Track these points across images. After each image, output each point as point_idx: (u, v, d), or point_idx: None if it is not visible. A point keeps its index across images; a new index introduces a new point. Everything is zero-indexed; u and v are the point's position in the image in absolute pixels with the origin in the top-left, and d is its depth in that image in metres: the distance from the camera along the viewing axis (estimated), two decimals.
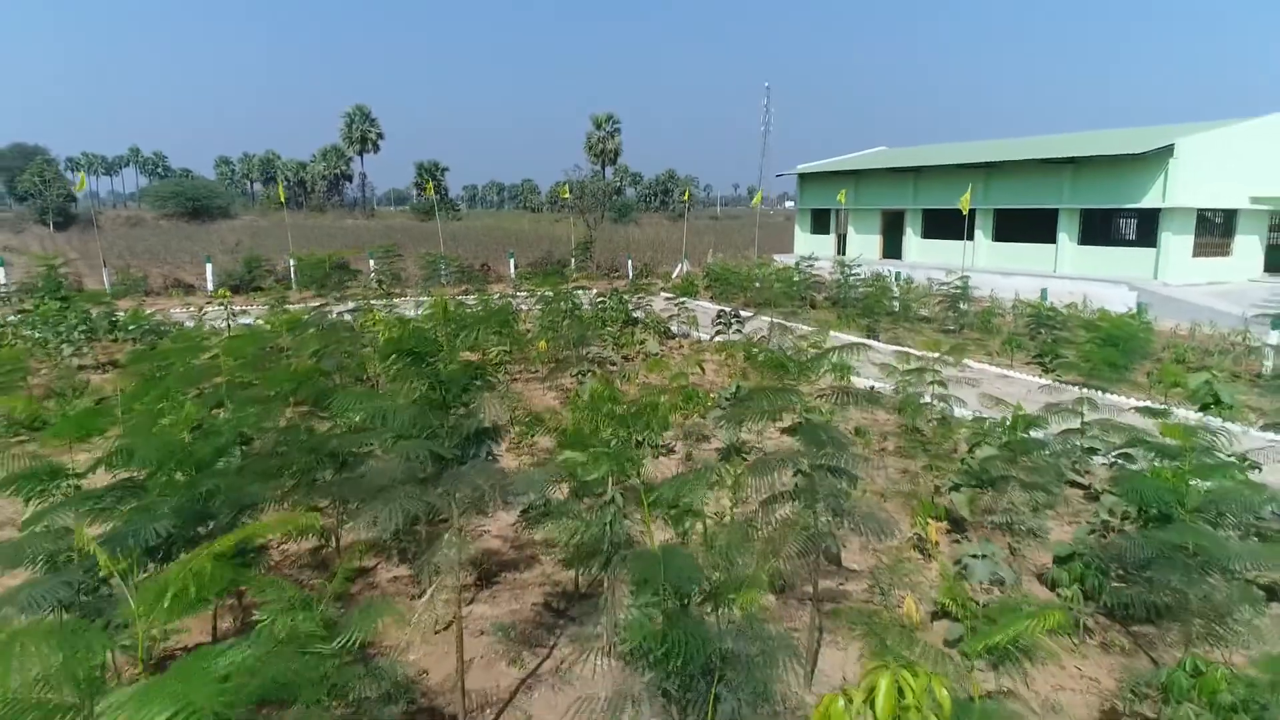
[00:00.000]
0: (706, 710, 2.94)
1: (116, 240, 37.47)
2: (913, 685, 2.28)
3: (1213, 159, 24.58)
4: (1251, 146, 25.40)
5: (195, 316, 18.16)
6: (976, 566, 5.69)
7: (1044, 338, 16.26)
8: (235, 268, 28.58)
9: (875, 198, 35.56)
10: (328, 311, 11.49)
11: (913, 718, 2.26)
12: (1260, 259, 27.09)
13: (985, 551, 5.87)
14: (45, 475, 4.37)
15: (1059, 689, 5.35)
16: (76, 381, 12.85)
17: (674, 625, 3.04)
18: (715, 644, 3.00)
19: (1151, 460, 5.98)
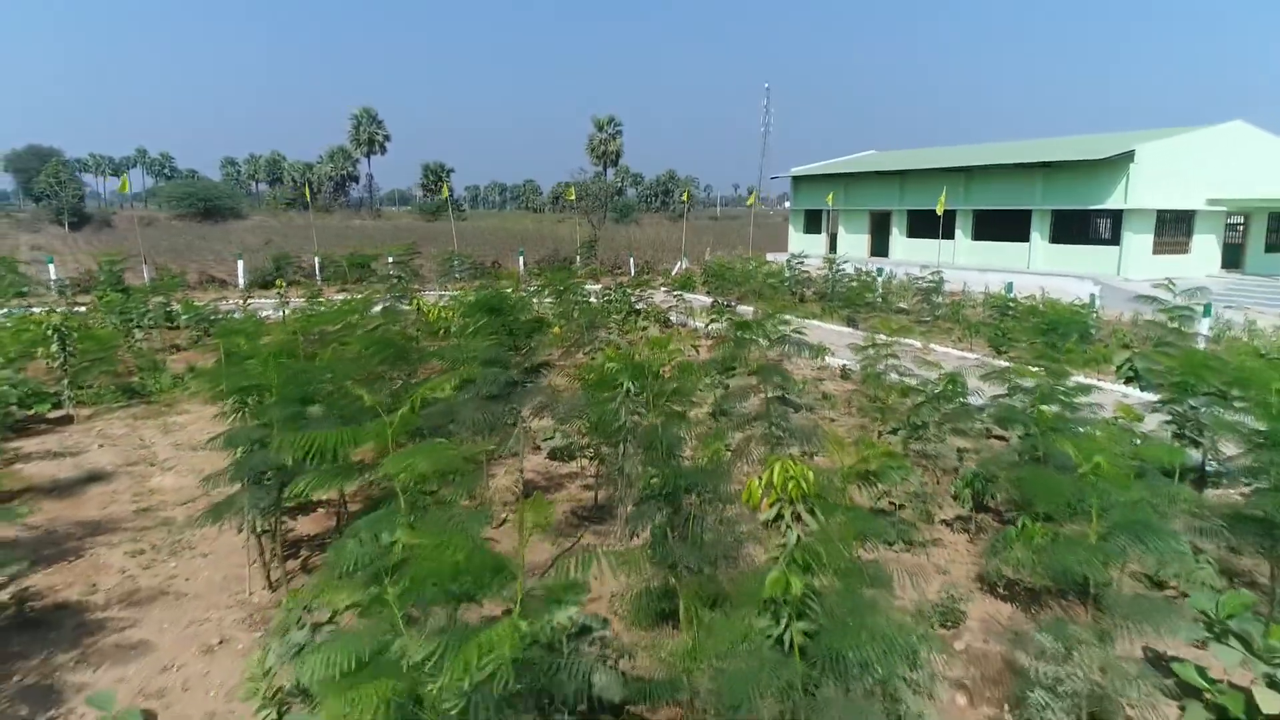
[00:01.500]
0: (685, 509, 4.96)
1: (136, 240, 39.48)
2: (793, 468, 4.28)
3: (1172, 164, 26.60)
4: (1209, 152, 27.40)
5: (240, 307, 20.22)
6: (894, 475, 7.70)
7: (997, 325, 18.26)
8: (264, 264, 30.60)
9: (864, 199, 37.58)
10: (379, 300, 13.51)
11: (791, 485, 4.26)
12: (1218, 256, 29.09)
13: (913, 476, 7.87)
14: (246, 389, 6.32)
15: (951, 561, 7.38)
16: (156, 359, 14.84)
17: (667, 465, 5.05)
18: (689, 475, 5.01)
19: (1026, 400, 7.98)
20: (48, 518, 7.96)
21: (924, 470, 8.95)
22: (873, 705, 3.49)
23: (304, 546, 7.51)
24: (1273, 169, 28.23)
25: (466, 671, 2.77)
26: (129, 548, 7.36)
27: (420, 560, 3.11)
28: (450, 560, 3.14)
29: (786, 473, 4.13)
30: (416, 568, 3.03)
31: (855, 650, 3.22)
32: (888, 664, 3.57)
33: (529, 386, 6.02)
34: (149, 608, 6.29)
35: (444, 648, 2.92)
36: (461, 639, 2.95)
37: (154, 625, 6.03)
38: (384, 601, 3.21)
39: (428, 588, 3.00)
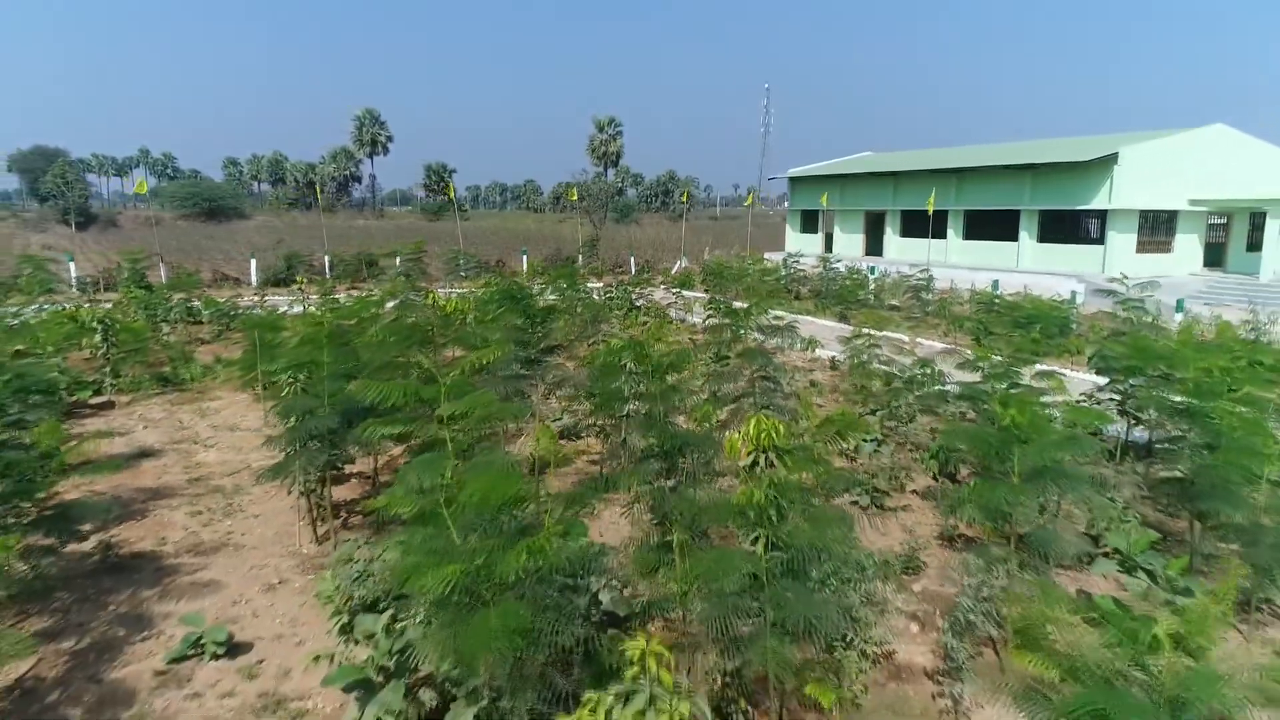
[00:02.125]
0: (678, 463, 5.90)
1: (144, 239, 40.43)
2: (767, 423, 5.21)
3: (1154, 165, 27.51)
4: (1190, 154, 28.31)
5: (259, 304, 21.18)
6: (866, 447, 8.65)
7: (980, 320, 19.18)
8: (275, 263, 31.55)
9: (859, 200, 38.50)
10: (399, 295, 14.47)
11: (764, 436, 5.19)
12: (1200, 255, 30.00)
13: (877, 439, 8.82)
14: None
15: (917, 523, 8.31)
16: (185, 350, 15.78)
17: (665, 426, 5.99)
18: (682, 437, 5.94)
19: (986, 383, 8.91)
20: (111, 485, 8.89)
21: (898, 445, 9.87)
22: (827, 604, 4.41)
23: (342, 510, 8.43)
24: (1253, 170, 29.10)
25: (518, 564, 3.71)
26: (188, 509, 8.30)
27: (471, 481, 4.05)
28: (491, 481, 4.07)
29: (761, 426, 5.05)
30: (469, 485, 3.97)
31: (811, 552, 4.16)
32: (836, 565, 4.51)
33: (545, 363, 6.97)
34: (213, 556, 7.23)
35: (499, 547, 3.86)
36: (510, 543, 3.90)
37: (220, 570, 6.97)
38: (439, 514, 4.15)
39: (475, 502, 3.92)
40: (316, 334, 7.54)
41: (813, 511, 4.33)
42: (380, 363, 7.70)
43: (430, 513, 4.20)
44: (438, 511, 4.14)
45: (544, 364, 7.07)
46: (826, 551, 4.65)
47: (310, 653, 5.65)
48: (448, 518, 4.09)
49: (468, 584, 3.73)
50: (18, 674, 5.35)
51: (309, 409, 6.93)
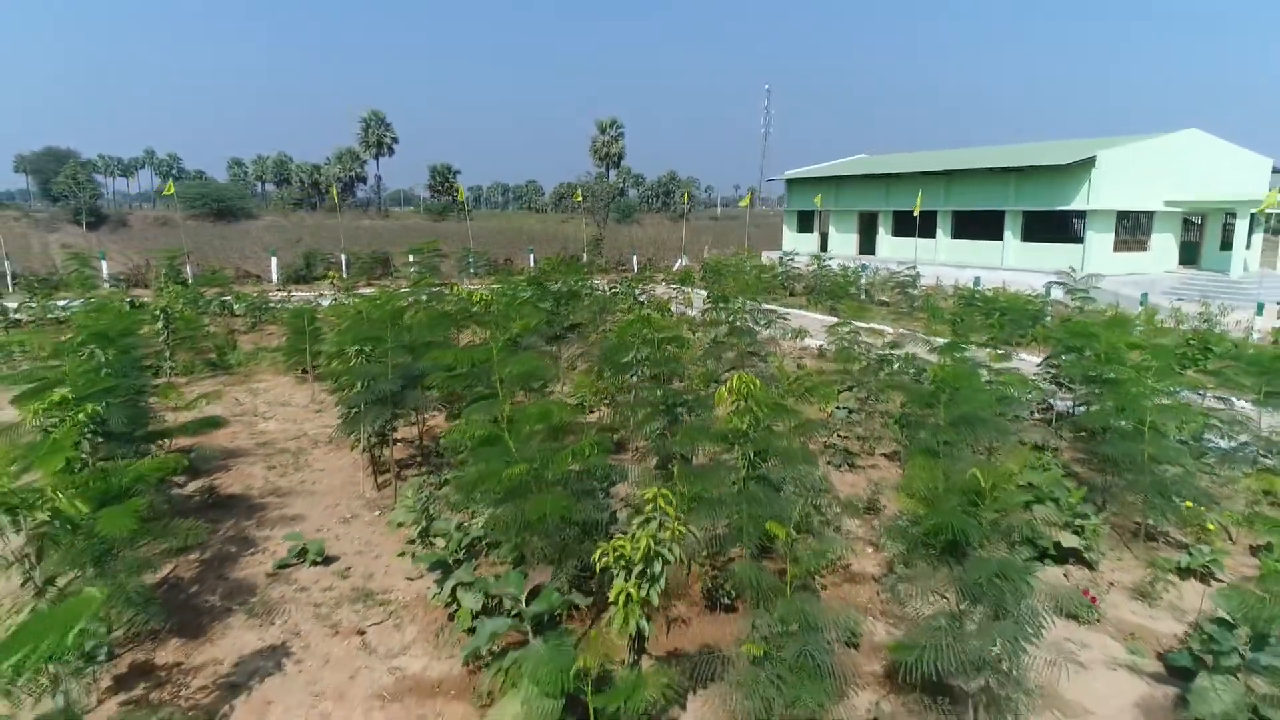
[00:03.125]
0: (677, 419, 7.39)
1: (154, 238, 41.99)
2: (746, 378, 6.70)
3: (1131, 168, 28.99)
4: (1165, 158, 29.78)
5: (286, 299, 22.68)
6: (840, 414, 10.13)
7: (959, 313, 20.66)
8: (294, 261, 33.06)
9: (853, 200, 39.99)
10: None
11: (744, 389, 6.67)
12: (1175, 253, 31.47)
13: (850, 408, 10.31)
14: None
15: (882, 479, 9.79)
16: (229, 338, 17.28)
17: (667, 389, 7.49)
18: (680, 395, 7.43)
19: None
20: (193, 443, 10.38)
21: (869, 415, 11.34)
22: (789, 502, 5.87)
23: (395, 466, 9.92)
24: (1225, 173, 30.58)
25: (563, 466, 5.20)
26: (263, 465, 9.80)
27: (530, 408, 5.54)
28: (542, 410, 5.57)
29: (742, 380, 6.53)
30: (530, 410, 5.46)
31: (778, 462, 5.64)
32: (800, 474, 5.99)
33: (569, 337, 8.46)
34: (293, 498, 8.73)
35: (548, 455, 5.35)
36: (556, 452, 5.39)
37: (301, 507, 8.47)
38: (501, 436, 5.63)
39: (534, 418, 5.41)
40: (380, 315, 9.00)
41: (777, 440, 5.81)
42: (426, 340, 9.19)
43: (494, 436, 5.69)
44: (500, 434, 5.62)
45: (566, 338, 8.57)
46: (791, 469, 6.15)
47: (388, 561, 7.18)
48: (508, 439, 5.58)
49: (528, 480, 5.22)
50: (163, 575, 6.85)
51: (374, 375, 8.41)
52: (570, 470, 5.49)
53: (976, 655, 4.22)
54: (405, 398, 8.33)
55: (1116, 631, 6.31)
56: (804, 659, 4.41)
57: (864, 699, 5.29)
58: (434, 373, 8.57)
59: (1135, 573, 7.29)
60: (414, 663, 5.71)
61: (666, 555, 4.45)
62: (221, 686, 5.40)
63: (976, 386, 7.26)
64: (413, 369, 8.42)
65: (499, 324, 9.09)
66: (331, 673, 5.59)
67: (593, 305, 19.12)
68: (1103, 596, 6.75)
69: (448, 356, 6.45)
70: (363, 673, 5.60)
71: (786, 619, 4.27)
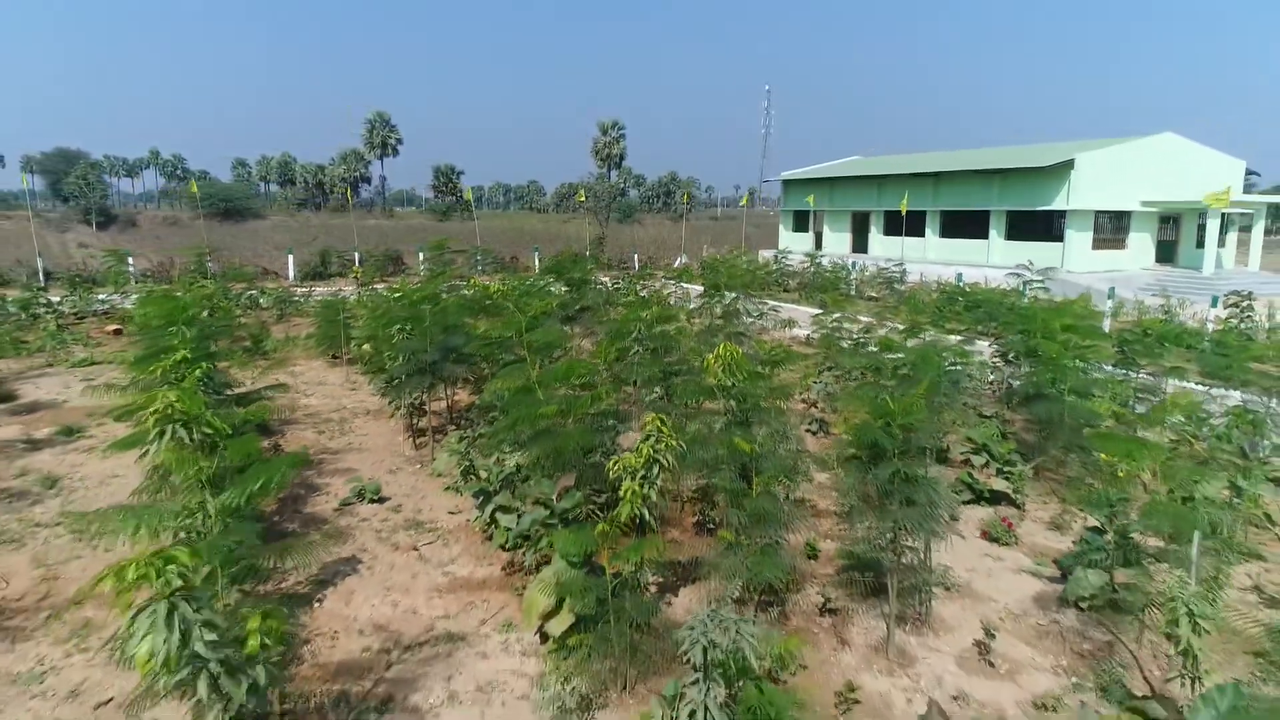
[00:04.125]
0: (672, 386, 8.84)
1: (165, 237, 43.51)
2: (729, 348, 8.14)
3: (1108, 170, 30.42)
4: (1142, 160, 31.21)
5: (307, 294, 24.14)
6: (816, 386, 11.60)
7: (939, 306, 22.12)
8: (309, 259, 34.53)
9: (846, 201, 41.43)
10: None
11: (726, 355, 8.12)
12: (1152, 251, 32.89)
13: (825, 384, 11.77)
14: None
15: None
16: (262, 330, 18.72)
17: (664, 361, 8.94)
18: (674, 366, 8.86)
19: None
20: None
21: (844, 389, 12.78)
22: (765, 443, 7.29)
23: (428, 432, 11.38)
24: (1199, 175, 31.98)
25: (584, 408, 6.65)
26: (313, 431, 11.26)
27: (555, 370, 6.99)
28: (567, 368, 7.02)
29: (725, 348, 7.97)
30: (559, 366, 6.91)
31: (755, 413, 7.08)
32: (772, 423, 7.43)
33: (580, 318, 9.91)
34: (345, 455, 10.19)
35: (572, 400, 6.80)
36: (577, 398, 6.84)
37: (352, 462, 9.92)
38: (533, 388, 7.08)
39: (562, 373, 6.86)
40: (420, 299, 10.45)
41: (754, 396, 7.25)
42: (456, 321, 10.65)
43: (527, 387, 7.14)
44: (532, 386, 7.08)
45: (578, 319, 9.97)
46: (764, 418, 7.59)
47: (432, 501, 8.63)
48: (538, 390, 7.03)
49: (556, 419, 6.67)
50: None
51: (415, 350, 9.86)
52: (588, 412, 6.93)
53: (891, 535, 5.67)
54: (442, 368, 9.77)
55: (1030, 551, 7.76)
56: (766, 545, 5.88)
57: (816, 589, 6.73)
58: (466, 347, 10.06)
59: (1055, 511, 8.73)
60: (461, 569, 7.17)
61: (663, 461, 5.89)
62: (312, 583, 6.85)
63: (927, 358, 8.71)
64: (448, 343, 9.87)
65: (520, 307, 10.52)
66: (396, 575, 7.04)
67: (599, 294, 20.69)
68: (1022, 526, 8.20)
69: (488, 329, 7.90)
70: (421, 575, 7.05)
71: (752, 512, 5.72)
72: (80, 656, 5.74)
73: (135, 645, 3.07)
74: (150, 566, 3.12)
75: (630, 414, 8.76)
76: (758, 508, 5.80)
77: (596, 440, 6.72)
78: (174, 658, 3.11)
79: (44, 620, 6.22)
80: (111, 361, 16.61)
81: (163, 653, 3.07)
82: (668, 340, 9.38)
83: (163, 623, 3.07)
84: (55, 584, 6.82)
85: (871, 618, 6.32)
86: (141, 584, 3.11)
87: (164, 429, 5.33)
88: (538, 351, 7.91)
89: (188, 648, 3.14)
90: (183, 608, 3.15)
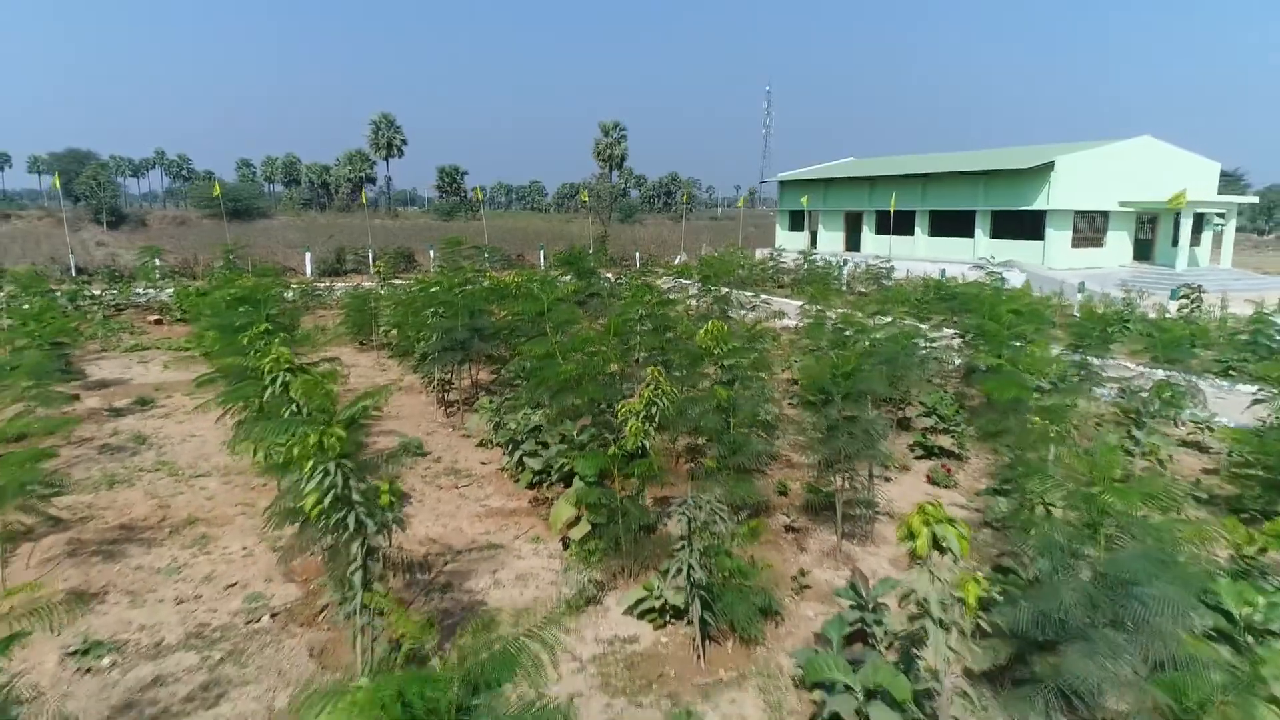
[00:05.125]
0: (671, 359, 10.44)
1: (176, 236, 45.15)
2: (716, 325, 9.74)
3: (1087, 172, 31.98)
4: (1119, 162, 32.78)
5: (328, 288, 25.78)
6: (797, 364, 13.19)
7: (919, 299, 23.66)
8: (327, 255, 36.15)
9: (840, 201, 43.02)
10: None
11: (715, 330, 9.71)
12: (1130, 249, 34.46)
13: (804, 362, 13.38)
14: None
15: None
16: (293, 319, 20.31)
17: (660, 337, 10.54)
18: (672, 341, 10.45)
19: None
20: None
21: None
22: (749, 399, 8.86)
23: (457, 404, 12.98)
24: (1175, 177, 33.52)
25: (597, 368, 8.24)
26: None
27: (575, 339, 8.58)
28: (584, 337, 8.61)
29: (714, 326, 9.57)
30: (574, 340, 8.50)
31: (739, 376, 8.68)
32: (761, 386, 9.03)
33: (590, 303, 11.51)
34: (385, 421, 11.78)
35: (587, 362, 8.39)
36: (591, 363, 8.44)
37: (393, 425, 11.52)
38: (554, 353, 8.67)
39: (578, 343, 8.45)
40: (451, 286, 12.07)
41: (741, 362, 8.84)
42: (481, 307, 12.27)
43: (550, 353, 8.72)
44: (554, 353, 8.66)
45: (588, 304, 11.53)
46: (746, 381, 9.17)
47: (467, 455, 10.23)
48: (559, 356, 8.62)
49: (573, 377, 8.26)
50: None
51: (449, 329, 11.46)
52: (600, 373, 8.52)
53: (840, 463, 7.27)
54: (471, 345, 11.37)
55: (965, 491, 9.35)
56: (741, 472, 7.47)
57: (784, 514, 8.33)
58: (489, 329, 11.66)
59: (990, 462, 10.31)
60: (495, 502, 8.77)
61: (659, 403, 7.47)
62: None
63: (892, 338, 10.30)
64: (475, 324, 11.48)
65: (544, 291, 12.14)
66: (443, 506, 8.64)
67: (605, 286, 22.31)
68: (962, 473, 9.79)
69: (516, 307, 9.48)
70: (463, 506, 8.65)
71: (729, 443, 7.32)
72: (204, 557, 7.34)
73: (309, 489, 4.67)
74: (323, 436, 4.71)
75: (635, 377, 10.35)
76: (734, 439, 7.39)
77: (606, 395, 8.29)
78: (333, 499, 4.71)
79: (168, 534, 7.83)
80: (158, 347, 18.25)
81: (329, 496, 4.66)
82: (666, 320, 10.97)
83: (332, 472, 4.67)
84: (168, 510, 8.43)
85: (825, 534, 7.92)
86: (313, 451, 4.70)
87: (277, 375, 6.93)
88: (556, 327, 9.52)
89: (344, 492, 4.74)
90: (343, 466, 4.76)
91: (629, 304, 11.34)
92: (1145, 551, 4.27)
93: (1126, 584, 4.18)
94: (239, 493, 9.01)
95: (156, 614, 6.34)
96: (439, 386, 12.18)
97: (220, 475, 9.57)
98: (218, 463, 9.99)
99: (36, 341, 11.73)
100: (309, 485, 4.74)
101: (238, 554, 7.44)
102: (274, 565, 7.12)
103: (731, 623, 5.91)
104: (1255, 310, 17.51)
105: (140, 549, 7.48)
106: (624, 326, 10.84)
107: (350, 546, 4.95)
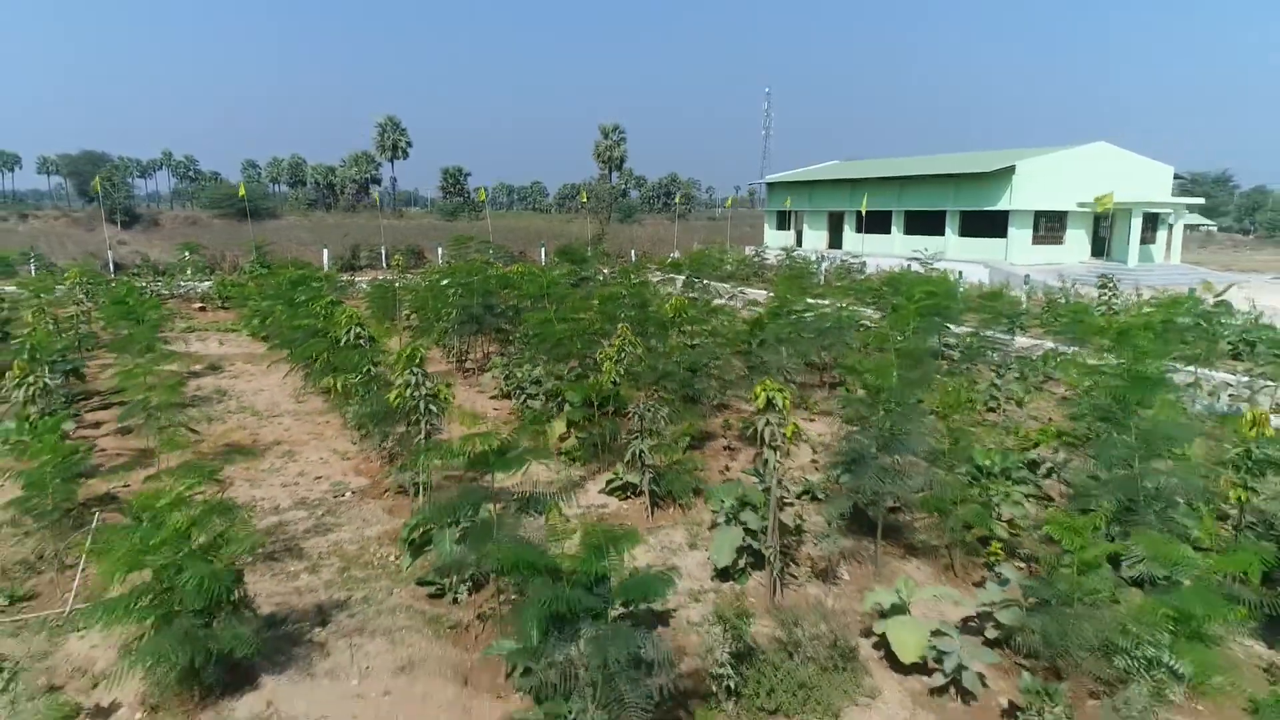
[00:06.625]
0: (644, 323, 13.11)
1: (189, 235, 47.87)
2: (680, 300, 12.40)
3: (1046, 175, 34.60)
4: (1077, 166, 35.39)
5: (350, 281, 28.49)
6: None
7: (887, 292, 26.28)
8: (343, 252, 38.88)
9: (823, 201, 45.69)
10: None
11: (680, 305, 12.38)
12: (1088, 246, 37.10)
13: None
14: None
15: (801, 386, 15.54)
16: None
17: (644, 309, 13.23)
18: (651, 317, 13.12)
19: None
20: None
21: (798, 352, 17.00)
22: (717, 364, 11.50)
23: (472, 370, 15.63)
24: (1130, 179, 36.13)
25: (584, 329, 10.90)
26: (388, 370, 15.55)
27: (570, 305, 11.25)
28: (577, 304, 11.28)
29: (677, 301, 12.27)
30: (568, 306, 11.16)
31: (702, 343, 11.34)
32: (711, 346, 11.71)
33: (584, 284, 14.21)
34: None
35: (577, 325, 11.06)
36: (579, 325, 11.11)
37: None
38: (551, 320, 11.33)
39: (570, 307, 11.10)
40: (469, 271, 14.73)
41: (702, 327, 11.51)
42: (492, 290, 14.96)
43: (547, 319, 11.38)
44: (550, 319, 11.33)
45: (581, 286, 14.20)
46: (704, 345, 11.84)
47: (481, 403, 12.91)
48: (554, 319, 11.28)
49: (568, 336, 10.92)
50: None
51: (466, 305, 14.13)
52: (587, 332, 11.18)
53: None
54: (484, 319, 14.06)
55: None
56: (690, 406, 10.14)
57: (724, 442, 10.98)
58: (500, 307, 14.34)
59: None
60: (505, 430, 11.44)
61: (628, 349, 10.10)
62: None
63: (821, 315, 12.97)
64: (487, 303, 14.16)
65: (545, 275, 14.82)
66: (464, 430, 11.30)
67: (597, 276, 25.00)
68: None
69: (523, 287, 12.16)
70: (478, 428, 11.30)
71: (680, 380, 9.98)
72: (293, 463, 10.03)
73: (396, 385, 7.34)
74: (414, 349, 7.39)
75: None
76: (681, 378, 10.06)
77: (590, 348, 10.96)
78: (408, 396, 7.38)
79: (263, 451, 10.51)
80: (208, 329, 20.94)
81: (410, 389, 7.34)
82: (644, 297, 13.64)
83: (410, 376, 7.35)
84: (258, 437, 11.13)
85: (752, 451, 10.59)
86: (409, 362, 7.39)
87: (349, 328, 9.61)
88: (554, 301, 12.20)
89: (419, 392, 7.41)
90: (419, 372, 7.43)
91: (615, 285, 14.03)
92: (914, 420, 6.97)
93: (898, 437, 6.86)
94: (309, 426, 11.70)
95: (270, 492, 9.03)
96: (457, 354, 14.85)
97: (291, 415, 12.27)
98: (288, 408, 12.69)
99: (134, 316, 14.40)
100: (397, 382, 7.41)
101: (317, 461, 10.12)
102: (347, 468, 9.80)
103: (671, 493, 8.58)
104: (1169, 299, 20.18)
105: (245, 459, 10.17)
106: (609, 302, 13.55)
107: (420, 425, 7.63)
